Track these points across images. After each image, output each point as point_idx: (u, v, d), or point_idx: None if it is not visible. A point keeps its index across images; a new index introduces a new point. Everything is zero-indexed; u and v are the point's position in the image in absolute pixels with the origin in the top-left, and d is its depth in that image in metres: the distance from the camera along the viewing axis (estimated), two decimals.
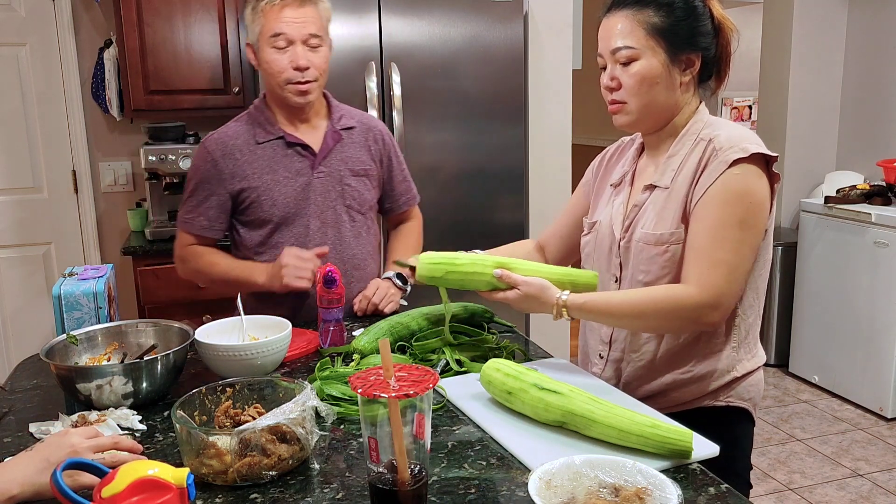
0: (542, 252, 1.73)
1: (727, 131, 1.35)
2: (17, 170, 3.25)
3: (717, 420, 1.39)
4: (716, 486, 1.03)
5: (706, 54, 1.37)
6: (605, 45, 1.37)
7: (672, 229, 1.35)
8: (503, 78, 3.04)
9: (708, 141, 1.34)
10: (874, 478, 2.99)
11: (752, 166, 1.30)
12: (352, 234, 1.90)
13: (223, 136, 1.85)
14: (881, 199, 3.59)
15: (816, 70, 4.15)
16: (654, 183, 1.40)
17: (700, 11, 1.35)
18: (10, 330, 3.32)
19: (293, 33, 1.74)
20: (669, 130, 1.41)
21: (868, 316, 3.53)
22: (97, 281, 1.63)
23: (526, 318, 3.29)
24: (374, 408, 0.94)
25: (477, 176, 3.08)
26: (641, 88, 1.34)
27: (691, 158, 1.36)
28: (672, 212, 1.36)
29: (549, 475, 0.94)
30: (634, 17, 1.33)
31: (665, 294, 1.32)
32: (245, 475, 1.03)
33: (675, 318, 1.32)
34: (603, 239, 1.49)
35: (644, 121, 1.39)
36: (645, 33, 1.33)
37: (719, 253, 1.28)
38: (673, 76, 1.35)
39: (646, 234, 1.38)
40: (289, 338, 1.47)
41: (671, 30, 1.33)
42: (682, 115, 1.40)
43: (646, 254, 1.38)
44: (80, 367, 1.34)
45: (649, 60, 1.33)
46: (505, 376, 1.23)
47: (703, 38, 1.36)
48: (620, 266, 1.44)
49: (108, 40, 3.19)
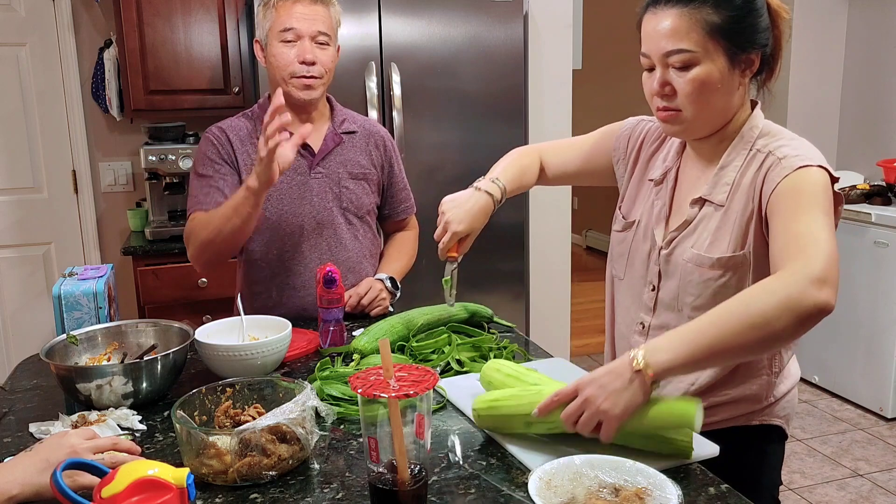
0: (542, 167, 1.62)
1: (790, 143, 1.22)
2: (17, 170, 3.25)
3: (751, 438, 1.32)
4: (716, 486, 1.03)
5: (765, 50, 1.24)
6: (655, 47, 1.21)
7: (730, 252, 1.22)
8: (503, 78, 3.04)
9: (767, 153, 1.22)
10: (874, 478, 2.99)
11: (822, 173, 1.16)
12: (348, 236, 1.89)
13: (224, 126, 1.85)
14: (881, 199, 3.59)
15: (816, 70, 4.15)
16: (705, 197, 1.28)
17: (759, 3, 1.21)
18: (10, 330, 3.32)
19: (302, 28, 1.74)
20: (722, 135, 1.28)
21: (868, 316, 3.53)
22: (97, 281, 1.63)
23: (526, 318, 3.29)
24: (374, 408, 0.94)
25: (477, 176, 3.05)
26: (701, 96, 1.20)
27: (748, 173, 1.24)
28: (729, 233, 1.23)
29: (549, 475, 0.94)
30: (691, 16, 1.17)
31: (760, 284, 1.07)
32: (245, 475, 1.03)
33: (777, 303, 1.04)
34: (640, 242, 1.38)
35: (699, 129, 1.26)
36: (704, 34, 1.17)
37: (812, 232, 1.09)
38: (733, 79, 1.21)
39: (698, 255, 1.25)
40: (289, 338, 1.47)
41: (733, 29, 1.18)
42: (738, 119, 1.27)
43: (697, 276, 1.25)
44: (80, 367, 1.34)
45: (709, 65, 1.18)
46: (505, 376, 1.23)
47: (763, 35, 1.22)
48: (660, 275, 1.33)
49: (108, 40, 3.19)
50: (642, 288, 1.36)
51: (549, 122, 3.29)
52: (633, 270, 1.39)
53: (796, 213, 1.12)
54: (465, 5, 2.93)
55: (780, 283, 1.06)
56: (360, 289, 1.84)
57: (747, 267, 1.22)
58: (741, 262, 1.22)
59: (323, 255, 1.85)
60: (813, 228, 1.09)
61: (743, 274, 1.22)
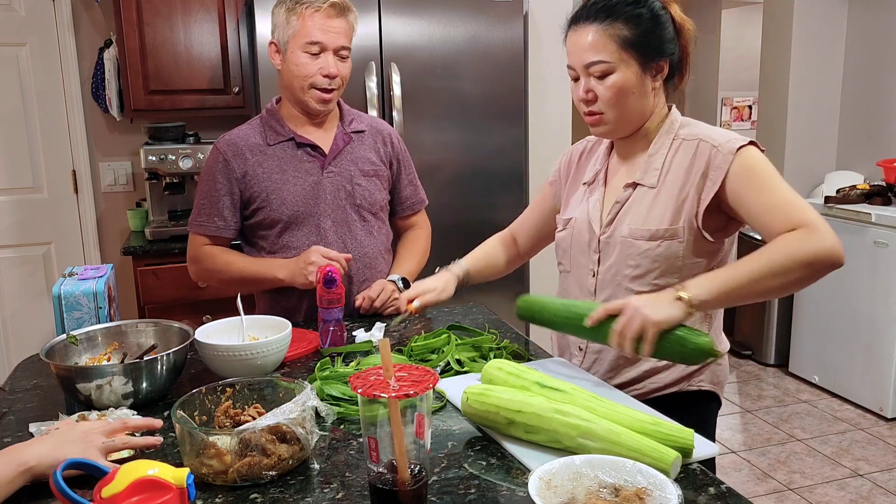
0: (514, 242, 1.80)
1: (711, 130, 1.41)
2: (17, 170, 3.26)
3: (688, 404, 1.46)
4: (716, 486, 1.03)
5: (672, 58, 1.42)
6: (578, 59, 1.40)
7: (666, 225, 1.39)
8: (503, 78, 3.04)
9: (698, 141, 1.40)
10: (874, 478, 2.99)
11: (754, 148, 1.36)
12: (363, 233, 1.91)
13: (234, 138, 1.86)
14: (881, 199, 3.59)
15: (816, 70, 4.15)
16: (637, 181, 1.45)
17: (664, 19, 1.39)
18: (10, 330, 3.32)
19: (328, 42, 1.76)
20: (642, 132, 1.46)
21: (868, 316, 3.53)
22: (97, 281, 1.63)
23: None
24: (374, 408, 0.94)
25: (477, 176, 3.08)
26: (619, 100, 1.38)
27: (678, 158, 1.41)
28: (663, 209, 1.40)
29: (549, 475, 0.94)
30: (605, 32, 1.36)
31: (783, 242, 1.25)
32: (245, 475, 1.03)
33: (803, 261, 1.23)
34: (580, 235, 1.52)
35: (622, 128, 1.44)
36: (617, 47, 1.36)
37: (795, 200, 1.29)
38: (645, 84, 1.40)
39: (635, 229, 1.42)
40: (289, 338, 1.47)
41: (642, 41, 1.37)
42: (655, 118, 1.45)
43: (635, 249, 1.41)
44: (80, 367, 1.34)
45: (623, 73, 1.37)
46: (507, 374, 1.23)
47: (670, 45, 1.40)
48: (599, 261, 1.48)
49: (108, 40, 3.19)
50: (585, 276, 1.52)
51: (549, 122, 3.29)
52: (576, 262, 1.54)
53: (764, 187, 1.32)
54: (465, 5, 2.93)
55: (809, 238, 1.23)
56: (371, 292, 1.85)
57: (680, 237, 1.39)
58: (675, 234, 1.39)
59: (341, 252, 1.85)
60: (788, 197, 1.30)
61: (676, 243, 1.39)
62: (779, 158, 4.27)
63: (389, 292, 1.85)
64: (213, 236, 1.87)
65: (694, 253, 1.40)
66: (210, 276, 1.92)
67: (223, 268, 1.86)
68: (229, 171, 1.83)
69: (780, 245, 1.25)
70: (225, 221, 1.86)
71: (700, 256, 1.40)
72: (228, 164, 1.83)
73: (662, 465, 1.00)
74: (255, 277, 1.83)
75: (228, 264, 1.86)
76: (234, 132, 1.88)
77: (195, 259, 1.90)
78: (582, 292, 1.53)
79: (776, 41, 4.21)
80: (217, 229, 1.86)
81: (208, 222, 1.86)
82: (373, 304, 1.83)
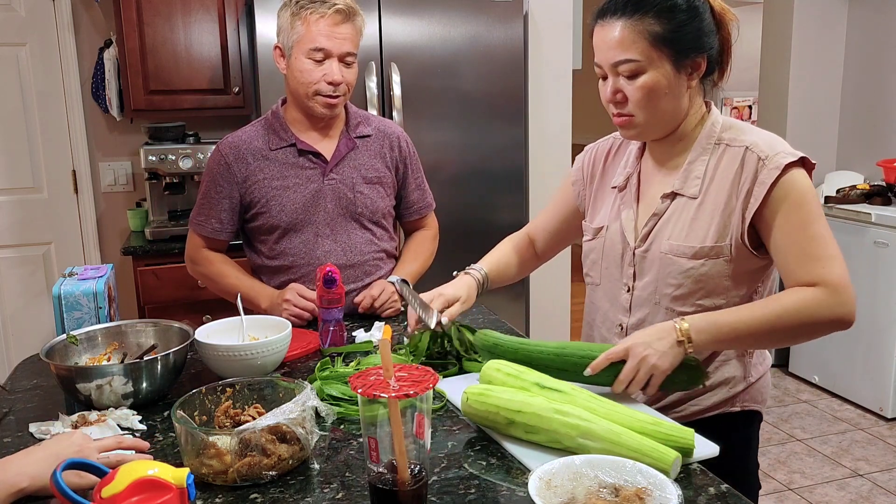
0: (530, 245, 1.70)
1: (759, 137, 1.29)
2: (17, 170, 3.25)
3: (732, 424, 1.38)
4: (716, 486, 1.02)
5: (711, 53, 1.30)
6: (605, 57, 1.28)
7: (711, 242, 1.28)
8: (503, 78, 3.04)
9: (745, 148, 1.28)
10: (874, 478, 2.99)
11: (803, 170, 1.26)
12: (363, 241, 1.90)
13: (237, 140, 1.86)
14: (881, 199, 3.59)
15: (816, 70, 4.15)
16: (676, 191, 1.34)
17: (702, 9, 1.27)
18: (10, 330, 3.32)
19: (332, 49, 1.74)
20: (679, 135, 1.35)
21: (868, 316, 3.53)
22: (97, 281, 1.63)
23: (526, 318, 3.29)
24: (374, 408, 0.94)
25: (477, 176, 3.08)
26: (650, 101, 1.27)
27: (722, 166, 1.30)
28: (707, 224, 1.29)
29: (549, 475, 0.94)
30: (635, 27, 1.24)
31: (798, 300, 1.22)
32: (245, 475, 1.03)
33: (813, 324, 1.22)
34: (612, 246, 1.43)
35: (654, 131, 1.33)
36: (648, 44, 1.24)
37: (825, 249, 1.23)
38: (680, 83, 1.28)
39: (676, 245, 1.31)
40: (289, 338, 1.47)
41: (675, 37, 1.24)
42: (691, 119, 1.34)
43: (676, 267, 1.31)
44: (80, 367, 1.34)
45: (655, 72, 1.25)
46: (506, 375, 1.22)
47: (708, 38, 1.28)
48: (634, 275, 1.39)
49: (108, 40, 3.19)
50: (618, 291, 1.42)
51: (549, 122, 3.29)
52: (608, 275, 1.45)
53: (799, 225, 1.23)
54: (465, 5, 2.93)
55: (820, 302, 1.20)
56: (373, 290, 1.84)
57: (728, 255, 1.29)
58: (721, 251, 1.28)
59: (338, 261, 1.86)
60: (821, 244, 1.22)
61: (723, 262, 1.29)
62: None
63: (389, 293, 1.85)
64: (210, 238, 1.88)
65: (742, 272, 1.30)
66: (203, 279, 1.95)
67: (216, 278, 1.90)
68: (230, 175, 1.83)
69: (796, 303, 1.21)
70: (222, 224, 1.87)
71: (748, 275, 1.31)
72: (230, 167, 1.83)
73: (662, 466, 1.00)
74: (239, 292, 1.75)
75: (221, 276, 1.89)
76: (237, 134, 1.88)
77: (193, 260, 1.93)
78: (614, 308, 1.44)
79: (776, 41, 4.21)
80: (213, 231, 1.87)
81: (206, 223, 1.87)
82: (373, 304, 1.83)
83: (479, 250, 1.75)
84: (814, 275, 1.21)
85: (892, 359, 3.44)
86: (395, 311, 1.86)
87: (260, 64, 2.77)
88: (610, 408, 1.12)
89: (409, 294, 1.49)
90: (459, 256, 1.77)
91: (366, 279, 1.90)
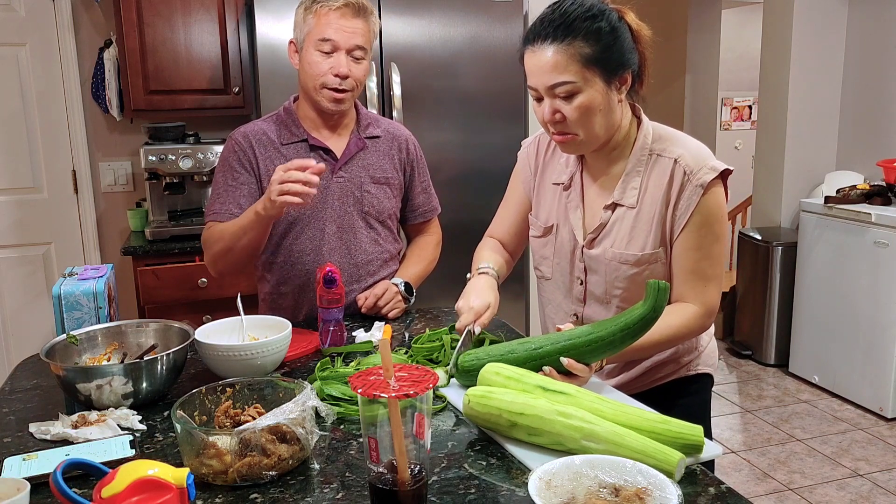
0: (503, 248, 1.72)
1: (685, 149, 1.40)
2: (17, 170, 3.26)
3: (687, 387, 1.55)
4: (716, 486, 1.03)
5: (633, 68, 1.38)
6: (541, 81, 1.35)
7: (651, 250, 1.41)
8: (503, 78, 3.04)
9: (673, 161, 1.39)
10: (874, 478, 3.00)
11: (720, 183, 1.39)
12: (368, 240, 1.89)
13: (249, 131, 1.85)
14: (881, 199, 3.59)
15: (816, 70, 4.15)
16: (616, 202, 1.44)
17: (622, 30, 1.34)
18: (10, 330, 3.32)
19: (340, 41, 1.73)
20: (613, 144, 1.44)
21: (868, 316, 3.53)
22: (97, 281, 1.63)
23: (526, 318, 3.29)
24: (374, 408, 0.94)
25: (477, 176, 3.08)
26: (588, 119, 1.35)
27: (653, 178, 1.41)
28: (645, 233, 1.41)
29: (549, 475, 0.94)
30: (566, 51, 1.31)
31: (681, 323, 1.40)
32: (245, 475, 1.03)
33: (689, 335, 1.45)
34: (563, 244, 1.52)
35: (593, 144, 1.41)
36: (581, 66, 1.31)
37: (710, 270, 1.40)
38: (611, 98, 1.36)
39: (620, 253, 1.43)
40: (289, 338, 1.47)
41: (604, 57, 1.32)
42: (623, 129, 1.43)
43: (622, 272, 1.44)
44: (80, 367, 1.34)
45: (590, 91, 1.33)
46: (505, 378, 1.22)
47: (630, 55, 1.36)
48: (586, 270, 1.50)
49: (108, 40, 3.19)
50: (571, 283, 1.53)
51: None
52: (560, 269, 1.55)
53: (703, 246, 1.39)
54: (465, 5, 2.93)
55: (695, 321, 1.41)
56: (377, 289, 1.84)
57: (665, 259, 1.43)
58: (659, 257, 1.42)
59: (342, 259, 1.85)
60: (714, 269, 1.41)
61: (660, 265, 1.43)
62: (779, 158, 4.27)
63: (393, 294, 1.85)
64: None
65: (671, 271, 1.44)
66: (217, 257, 1.78)
67: (219, 238, 1.76)
68: (247, 160, 1.81)
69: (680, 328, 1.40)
70: (241, 209, 1.77)
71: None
72: (245, 153, 1.81)
73: (667, 467, 1.00)
74: (243, 227, 1.71)
75: (222, 232, 1.76)
76: (249, 126, 1.86)
77: (204, 245, 1.82)
78: (567, 299, 1.54)
79: (776, 41, 4.21)
80: (231, 216, 1.77)
81: (222, 209, 1.79)
82: (376, 304, 1.82)
83: None
84: (696, 293, 1.40)
85: (892, 359, 3.44)
86: (398, 313, 1.85)
87: (260, 64, 2.77)
88: (617, 409, 1.12)
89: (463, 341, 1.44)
90: (459, 256, 1.77)
91: (368, 279, 1.90)
